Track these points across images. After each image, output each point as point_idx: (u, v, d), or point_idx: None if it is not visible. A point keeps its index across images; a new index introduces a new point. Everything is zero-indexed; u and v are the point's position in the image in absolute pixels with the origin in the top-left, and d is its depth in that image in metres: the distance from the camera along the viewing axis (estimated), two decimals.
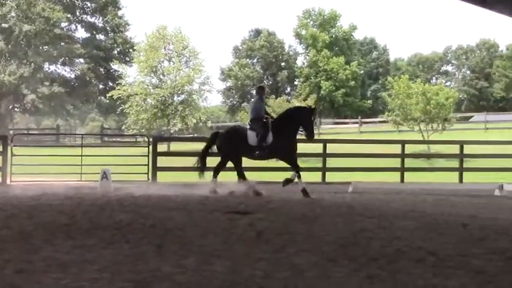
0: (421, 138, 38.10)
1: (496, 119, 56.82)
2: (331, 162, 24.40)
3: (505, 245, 9.10)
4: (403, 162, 23.49)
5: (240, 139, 17.53)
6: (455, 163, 25.61)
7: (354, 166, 23.61)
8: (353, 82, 68.91)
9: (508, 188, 20.12)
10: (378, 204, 14.73)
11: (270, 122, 17.44)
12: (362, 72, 73.58)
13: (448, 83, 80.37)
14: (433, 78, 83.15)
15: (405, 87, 42.13)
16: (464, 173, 23.78)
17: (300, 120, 17.34)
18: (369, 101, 73.46)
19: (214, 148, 18.21)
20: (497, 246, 9.04)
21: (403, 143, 23.93)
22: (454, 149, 25.39)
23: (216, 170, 17.82)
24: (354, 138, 46.22)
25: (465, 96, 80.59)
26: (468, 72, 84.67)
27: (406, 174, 23.26)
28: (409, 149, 25.14)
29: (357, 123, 57.14)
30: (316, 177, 22.27)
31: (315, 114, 19.00)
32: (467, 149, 25.15)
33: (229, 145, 17.70)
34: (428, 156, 33.58)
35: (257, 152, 17.37)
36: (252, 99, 16.37)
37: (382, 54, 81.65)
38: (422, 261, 8.02)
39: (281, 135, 17.18)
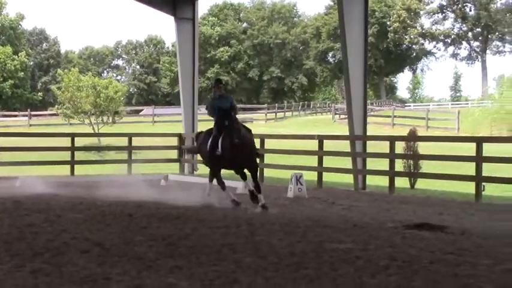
0: (92, 131, 38.18)
1: (163, 112, 59.03)
2: None
3: (167, 231, 9.55)
4: (73, 155, 23.29)
5: None
6: (124, 155, 26.01)
7: (23, 160, 22.86)
8: (22, 73, 67.09)
9: (173, 177, 20.96)
10: (46, 198, 14.44)
11: None
12: (32, 63, 71.80)
13: (119, 77, 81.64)
14: (105, 72, 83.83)
15: (75, 80, 41.91)
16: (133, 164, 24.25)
17: None
18: (39, 94, 71.97)
19: None
20: (159, 233, 9.46)
21: (72, 136, 23.69)
22: (124, 142, 25.81)
23: None
24: (23, 131, 44.94)
25: (135, 90, 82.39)
26: (138, 67, 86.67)
27: (76, 167, 23.10)
28: (80, 141, 24.98)
29: (26, 116, 55.30)
30: None
31: None
32: (136, 141, 25.75)
33: None
34: (98, 149, 33.78)
35: None
36: None
37: (52, 46, 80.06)
38: (88, 252, 8.12)
39: None
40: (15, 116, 57.77)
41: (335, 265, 7.59)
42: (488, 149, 16.95)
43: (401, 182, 18.44)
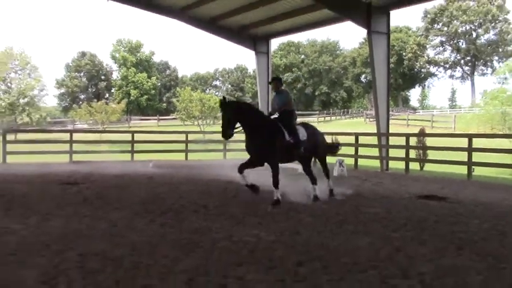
0: (199, 129, 38.66)
1: None
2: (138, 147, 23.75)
3: (250, 198, 9.46)
4: (186, 146, 23.44)
5: None
6: (221, 146, 25.99)
7: (153, 149, 23.11)
8: (153, 91, 68.66)
9: None
10: (169, 175, 14.68)
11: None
12: (159, 84, 73.14)
13: (217, 93, 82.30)
14: (207, 89, 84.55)
15: (188, 95, 42.76)
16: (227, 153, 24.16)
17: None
18: (164, 104, 73.37)
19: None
20: (245, 199, 9.42)
21: (186, 133, 23.96)
22: (219, 137, 25.79)
23: None
24: (153, 130, 45.94)
25: None
26: (229, 86, 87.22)
27: (189, 154, 23.19)
28: (191, 137, 25.14)
29: (156, 119, 56.39)
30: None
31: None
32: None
33: None
34: (203, 141, 34.11)
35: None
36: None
37: (172, 72, 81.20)
38: (197, 212, 8.22)
39: None
40: (148, 119, 59.03)
41: (368, 223, 7.48)
42: (477, 142, 16.50)
43: (414, 166, 18.00)
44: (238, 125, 8.67)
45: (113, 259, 5.20)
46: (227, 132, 8.52)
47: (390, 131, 19.10)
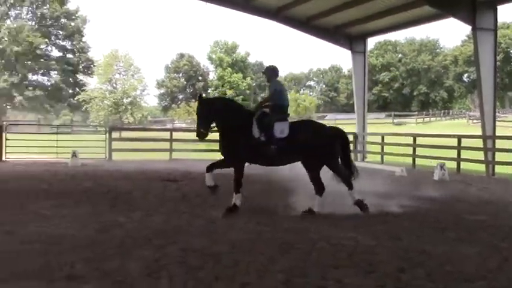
0: None
1: (342, 117, 58.44)
2: None
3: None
4: None
5: None
6: None
7: None
8: (248, 91, 69.84)
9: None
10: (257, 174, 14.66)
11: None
12: (254, 84, 74.27)
13: (311, 93, 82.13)
14: (301, 89, 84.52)
15: None
16: None
17: None
18: None
19: None
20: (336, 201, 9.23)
21: None
22: None
23: None
24: None
25: (322, 102, 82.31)
26: (324, 86, 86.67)
27: None
28: None
29: None
30: None
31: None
32: None
33: None
34: None
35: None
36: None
37: None
38: (289, 212, 8.15)
39: None
40: None
41: (472, 230, 7.08)
42: None
43: None
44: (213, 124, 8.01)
45: (212, 255, 5.33)
46: (199, 131, 7.90)
47: (496, 134, 17.99)
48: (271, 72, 8.62)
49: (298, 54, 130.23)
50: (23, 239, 5.89)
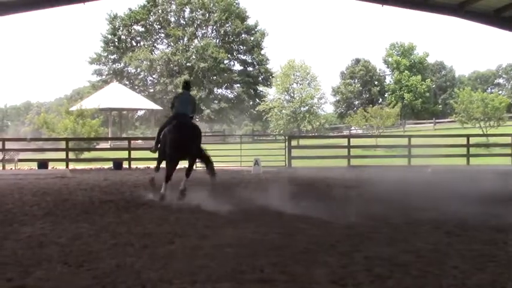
0: (481, 133, 35.92)
1: None
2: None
3: None
4: (468, 150, 22.25)
5: None
6: (508, 150, 23.83)
7: (431, 153, 22.32)
8: (427, 93, 66.87)
9: None
10: (446, 180, 13.86)
11: None
12: (434, 86, 70.80)
13: (500, 92, 75.53)
14: (488, 88, 78.21)
15: (468, 95, 40.62)
16: None
17: None
18: (439, 106, 70.76)
19: None
20: None
21: (468, 136, 22.65)
22: (507, 140, 23.74)
23: None
24: (430, 133, 44.48)
25: None
26: None
27: (471, 159, 21.99)
28: (473, 140, 23.61)
29: (431, 123, 54.67)
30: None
31: None
32: None
33: None
34: (487, 145, 31.56)
35: None
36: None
37: (449, 72, 77.75)
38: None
39: None
40: (423, 123, 57.54)
41: None
42: None
43: None
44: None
45: (399, 265, 5.14)
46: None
47: None
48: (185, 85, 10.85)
49: (483, 50, 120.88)
50: (214, 243, 6.26)
